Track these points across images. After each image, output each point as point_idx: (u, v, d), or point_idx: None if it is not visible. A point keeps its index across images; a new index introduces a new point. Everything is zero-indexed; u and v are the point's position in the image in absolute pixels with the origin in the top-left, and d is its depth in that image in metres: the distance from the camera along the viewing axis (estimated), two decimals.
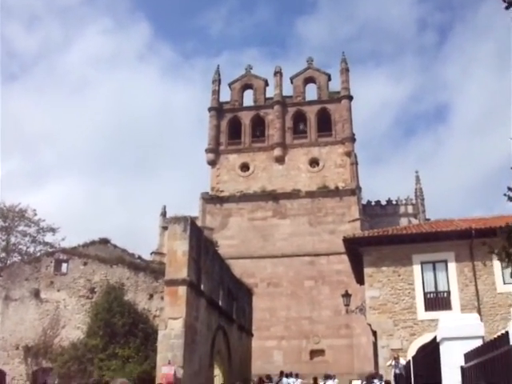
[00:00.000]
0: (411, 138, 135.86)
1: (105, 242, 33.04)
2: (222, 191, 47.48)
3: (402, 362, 20.44)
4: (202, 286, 22.32)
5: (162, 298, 21.43)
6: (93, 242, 33.03)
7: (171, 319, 19.68)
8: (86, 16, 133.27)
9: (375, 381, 22.07)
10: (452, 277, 25.06)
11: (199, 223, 44.32)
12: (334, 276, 42.08)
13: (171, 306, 19.83)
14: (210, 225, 45.58)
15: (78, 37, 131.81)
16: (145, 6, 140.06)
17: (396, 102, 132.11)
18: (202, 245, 22.61)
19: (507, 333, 6.45)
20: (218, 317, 24.90)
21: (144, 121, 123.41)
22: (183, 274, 20.00)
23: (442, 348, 9.27)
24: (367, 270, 25.88)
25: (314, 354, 42.19)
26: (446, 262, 25.27)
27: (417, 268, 25.33)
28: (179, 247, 20.33)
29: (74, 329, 29.49)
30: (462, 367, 8.36)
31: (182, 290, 19.78)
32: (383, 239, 26.14)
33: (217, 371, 25.16)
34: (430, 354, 11.51)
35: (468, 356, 8.13)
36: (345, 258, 32.53)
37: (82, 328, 28.79)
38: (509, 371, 6.30)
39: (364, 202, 49.61)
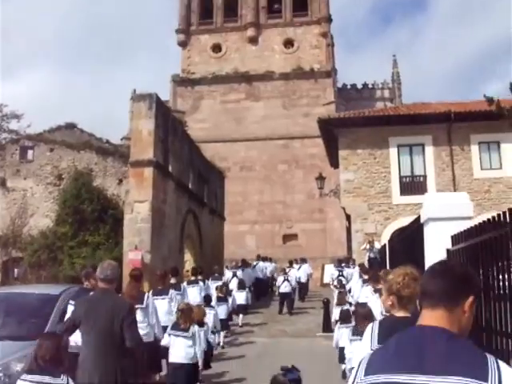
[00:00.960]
0: (388, 26, 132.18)
1: (71, 126, 31.79)
2: (193, 73, 45.70)
3: (377, 245, 20.17)
4: (171, 168, 21.35)
5: None
6: (59, 127, 31.79)
7: (137, 202, 18.78)
8: None
9: (348, 269, 21.26)
10: (429, 161, 24.72)
11: (170, 106, 43.28)
12: (308, 160, 41.39)
13: (137, 189, 18.89)
14: (181, 108, 44.11)
15: None
16: None
17: None
18: (169, 124, 21.44)
19: (500, 215, 5.75)
20: (188, 200, 24.09)
21: (116, 5, 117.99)
22: (149, 154, 18.92)
23: (427, 229, 8.59)
24: (342, 153, 25.31)
25: (287, 238, 42.15)
26: (423, 145, 24.83)
27: (393, 151, 24.85)
28: (144, 126, 19.14)
29: (42, 217, 28.85)
30: (448, 250, 7.71)
31: (148, 172, 18.80)
32: (359, 120, 25.40)
33: (188, 256, 24.66)
34: (409, 237, 10.89)
35: (456, 238, 7.45)
36: (319, 141, 32.07)
37: (51, 216, 28.07)
38: (501, 255, 5.76)
39: (339, 85, 48.36)
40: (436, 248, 8.01)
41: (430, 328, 2.27)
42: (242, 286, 20.24)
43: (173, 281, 12.84)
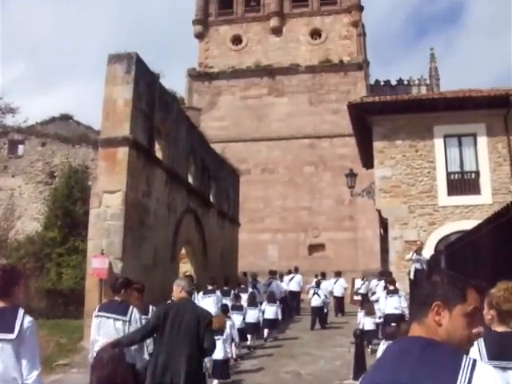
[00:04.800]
0: (423, 40, 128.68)
1: (66, 118, 28.41)
2: (211, 67, 41.97)
3: (426, 254, 16.26)
4: (161, 155, 17.34)
5: None
6: (53, 119, 28.62)
7: (107, 193, 14.56)
8: None
9: (374, 280, 20.11)
10: (482, 154, 20.62)
11: (185, 103, 39.85)
12: (337, 161, 37.28)
13: (107, 175, 14.65)
14: (197, 104, 40.54)
15: None
16: None
17: (408, 3, 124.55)
18: (156, 95, 17.01)
19: None
20: (187, 197, 19.88)
21: (152, 25, 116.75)
22: (124, 130, 14.64)
23: None
24: (377, 145, 21.33)
25: (313, 248, 38.08)
26: (474, 135, 20.78)
27: (439, 142, 20.84)
28: (120, 94, 14.87)
29: (30, 220, 25.86)
30: None
31: (123, 153, 14.52)
32: (399, 105, 21.48)
33: (186, 266, 20.41)
34: (489, 238, 8.40)
35: None
36: (350, 140, 29.30)
37: (40, 219, 25.06)
38: None
39: (372, 81, 44.23)
40: None
41: (410, 338, 2.38)
42: (272, 299, 18.76)
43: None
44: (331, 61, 40.33)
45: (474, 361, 2.14)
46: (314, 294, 20.56)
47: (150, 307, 8.81)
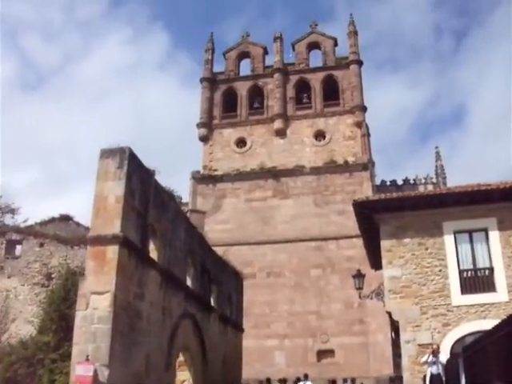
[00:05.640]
0: (427, 143, 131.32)
1: (66, 219, 28.04)
2: (215, 170, 42.04)
3: (443, 358, 15.05)
4: (155, 255, 16.42)
5: None
6: (52, 220, 28.19)
7: (95, 294, 13.55)
8: (107, 26, 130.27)
9: None
10: (495, 249, 19.53)
11: (189, 206, 39.54)
12: (345, 263, 36.34)
13: (95, 275, 13.67)
14: (201, 207, 40.23)
15: (98, 47, 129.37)
16: (164, 15, 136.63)
17: (412, 108, 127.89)
18: (151, 192, 16.30)
19: None
20: (184, 300, 18.70)
21: (163, 131, 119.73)
22: (114, 227, 13.80)
23: None
24: (385, 244, 20.39)
25: (322, 354, 36.54)
26: (486, 230, 19.80)
27: (449, 239, 19.85)
28: (111, 190, 14.15)
29: (25, 323, 25.07)
30: None
31: (113, 251, 13.58)
32: (405, 202, 20.57)
33: (185, 375, 19.03)
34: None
35: None
36: (357, 242, 28.97)
37: (35, 322, 24.34)
38: None
39: (378, 182, 43.95)
40: None
41: None
42: None
43: None
44: (336, 162, 40.30)
45: None
46: None
47: None
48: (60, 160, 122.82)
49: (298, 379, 24.25)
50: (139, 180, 15.46)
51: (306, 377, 24.26)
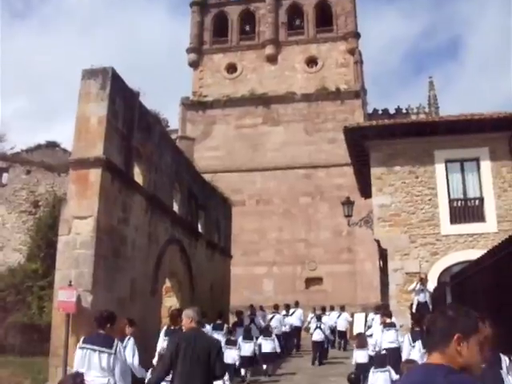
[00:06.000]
0: (421, 75, 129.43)
1: (53, 145, 27.49)
2: (205, 96, 41.20)
3: (430, 286, 15.11)
4: (141, 179, 16.07)
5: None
6: (38, 147, 27.63)
7: (77, 219, 13.18)
8: None
9: (370, 314, 19.55)
10: (486, 179, 19.44)
11: (179, 132, 39.02)
12: (334, 191, 36.06)
13: (77, 199, 13.25)
14: (190, 134, 39.71)
15: None
16: None
17: (406, 39, 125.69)
18: (136, 115, 15.69)
19: None
20: (171, 226, 18.40)
21: (153, 59, 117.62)
22: (97, 150, 13.26)
23: None
24: (375, 171, 20.19)
25: (311, 282, 36.88)
26: (477, 160, 19.65)
27: (440, 168, 19.68)
28: (94, 112, 13.56)
29: (13, 251, 24.86)
30: None
31: (95, 175, 13.14)
32: (397, 129, 20.26)
33: (172, 301, 19.03)
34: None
35: None
36: (347, 170, 28.68)
37: (23, 250, 24.16)
38: None
39: (370, 110, 43.40)
40: None
41: (433, 365, 2.73)
42: (267, 333, 18.47)
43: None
44: (327, 89, 39.56)
45: None
46: (315, 329, 20.17)
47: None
48: (49, 89, 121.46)
49: (288, 306, 24.51)
50: (123, 101, 14.86)
51: (296, 304, 24.66)
